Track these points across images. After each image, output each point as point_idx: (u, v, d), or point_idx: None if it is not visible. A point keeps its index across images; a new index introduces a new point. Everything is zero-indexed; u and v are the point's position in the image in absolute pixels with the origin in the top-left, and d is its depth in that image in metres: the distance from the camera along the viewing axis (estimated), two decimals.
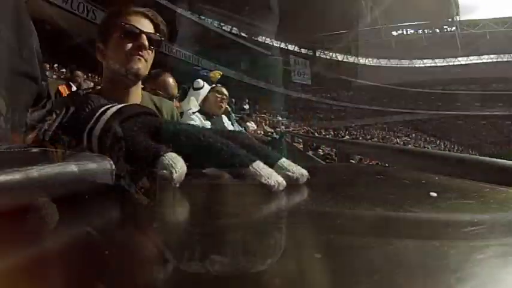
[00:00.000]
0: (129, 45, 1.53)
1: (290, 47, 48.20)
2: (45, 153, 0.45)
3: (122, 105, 0.60)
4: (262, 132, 11.73)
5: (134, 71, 1.53)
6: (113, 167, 0.39)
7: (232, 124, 3.77)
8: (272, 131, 13.20)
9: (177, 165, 0.43)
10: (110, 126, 0.54)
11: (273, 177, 0.41)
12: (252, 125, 11.38)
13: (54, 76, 16.81)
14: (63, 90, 7.01)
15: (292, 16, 40.58)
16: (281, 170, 0.44)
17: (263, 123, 15.04)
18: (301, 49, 48.95)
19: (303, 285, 0.19)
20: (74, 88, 7.20)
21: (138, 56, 1.53)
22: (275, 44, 46.58)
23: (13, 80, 0.71)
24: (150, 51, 1.58)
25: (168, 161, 0.43)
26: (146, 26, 1.57)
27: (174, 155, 0.44)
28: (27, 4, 0.83)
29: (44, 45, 0.88)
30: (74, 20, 23.66)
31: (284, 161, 0.47)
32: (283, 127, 16.50)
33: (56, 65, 20.41)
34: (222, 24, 42.58)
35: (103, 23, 1.63)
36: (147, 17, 1.59)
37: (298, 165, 0.49)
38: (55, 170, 0.31)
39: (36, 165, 0.31)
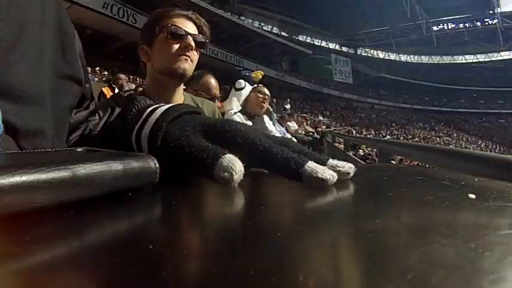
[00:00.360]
0: (176, 46, 1.57)
1: (331, 46, 47.76)
2: (90, 152, 0.46)
3: (170, 105, 0.57)
4: (304, 132, 11.52)
5: (181, 71, 1.57)
6: (157, 165, 0.41)
7: (273, 124, 3.73)
8: (313, 130, 13.01)
9: (236, 166, 0.43)
10: (160, 126, 0.53)
11: (327, 172, 0.44)
12: (293, 125, 10.93)
13: (96, 79, 17.19)
14: (107, 92, 7.21)
15: (333, 14, 40.19)
16: (332, 168, 0.47)
17: (304, 123, 14.85)
18: (342, 47, 48.39)
19: (334, 284, 0.20)
20: (117, 90, 7.42)
21: (185, 57, 1.57)
22: (316, 43, 46.19)
23: (57, 82, 0.71)
24: (196, 52, 1.62)
25: (228, 163, 0.44)
26: (190, 28, 1.62)
27: (232, 156, 0.45)
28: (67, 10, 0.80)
29: (85, 49, 0.87)
30: (114, 24, 24.32)
31: (332, 161, 0.48)
32: (324, 127, 16.19)
33: (97, 68, 20.98)
34: (262, 24, 42.55)
35: (148, 25, 1.66)
36: (190, 19, 1.63)
37: None
38: (101, 168, 0.33)
39: (83, 163, 0.33)
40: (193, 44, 1.57)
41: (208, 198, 0.46)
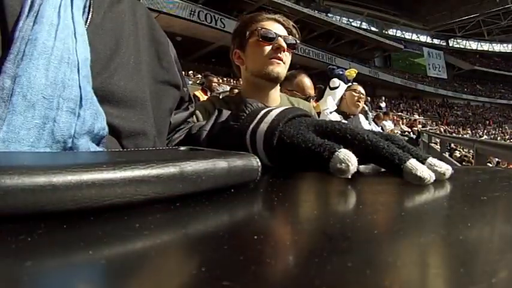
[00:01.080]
0: (267, 48, 1.59)
1: (422, 39, 45.55)
2: (193, 151, 0.49)
3: (284, 107, 0.62)
4: (399, 132, 11.63)
5: (275, 74, 1.59)
6: (259, 164, 0.43)
7: (369, 123, 3.74)
8: (409, 130, 12.84)
9: (351, 158, 0.47)
10: (277, 125, 0.57)
11: (425, 172, 0.46)
12: (389, 124, 10.96)
13: (191, 82, 17.80)
14: (200, 94, 7.46)
15: (421, 4, 38.45)
16: (430, 167, 0.49)
17: (400, 122, 14.39)
18: (434, 40, 45.89)
19: (421, 281, 0.21)
20: (209, 93, 7.68)
21: (277, 59, 1.59)
22: (407, 37, 44.39)
23: (156, 87, 0.77)
24: (288, 54, 1.64)
25: (344, 156, 0.47)
26: (279, 30, 1.64)
27: (346, 150, 0.49)
28: (156, 19, 0.86)
29: (177, 54, 0.90)
30: (203, 29, 25.17)
31: (431, 159, 0.50)
32: (420, 126, 15.58)
33: (190, 72, 21.62)
34: (350, 20, 41.72)
35: (239, 30, 1.69)
36: (278, 22, 1.66)
37: None
38: (206, 166, 0.36)
39: (189, 160, 0.36)
40: (284, 45, 1.59)
41: (307, 195, 0.47)
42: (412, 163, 0.47)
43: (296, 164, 0.53)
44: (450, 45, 47.26)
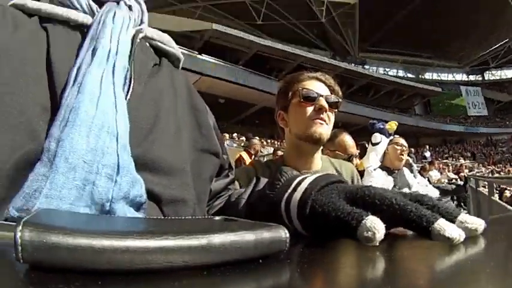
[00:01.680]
0: (309, 109, 1.58)
1: (458, 77, 44.95)
2: (226, 221, 0.50)
3: (317, 175, 0.63)
4: (446, 180, 11.24)
5: (317, 135, 1.56)
6: (287, 235, 0.43)
7: (414, 176, 3.58)
8: (456, 177, 12.59)
9: (378, 226, 0.48)
10: (309, 194, 0.57)
11: (454, 231, 0.46)
12: (435, 174, 10.99)
13: (235, 145, 17.59)
14: (245, 157, 7.61)
15: (452, 41, 38.41)
16: (461, 224, 0.49)
17: (446, 170, 14.30)
18: (469, 76, 45.19)
19: None
20: (253, 155, 7.80)
21: (320, 120, 1.56)
22: (443, 78, 44.10)
23: (196, 155, 0.79)
24: (331, 114, 1.62)
25: (371, 224, 0.48)
26: (321, 89, 1.62)
27: (374, 217, 0.49)
28: (198, 81, 0.98)
29: (220, 117, 0.98)
30: (245, 91, 25.80)
31: (463, 216, 0.50)
32: (466, 171, 15.35)
33: (235, 134, 21.61)
34: (386, 69, 42.10)
35: (281, 91, 1.70)
36: (320, 80, 1.65)
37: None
38: (234, 238, 0.37)
39: (218, 233, 0.37)
40: (326, 105, 1.57)
41: (334, 262, 0.48)
42: (440, 224, 0.47)
43: (329, 232, 0.55)
44: (486, 78, 46.04)
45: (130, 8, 0.83)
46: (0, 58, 0.62)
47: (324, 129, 1.57)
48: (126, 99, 0.67)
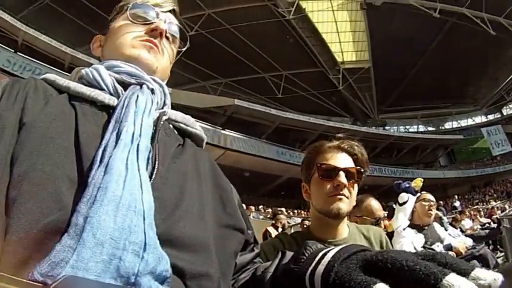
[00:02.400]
0: (328, 185, 1.56)
1: (477, 120, 44.36)
2: None
3: (339, 247, 0.66)
4: (479, 226, 11.04)
5: (335, 212, 1.54)
6: None
7: (445, 229, 3.65)
8: (488, 220, 12.38)
9: None
10: (332, 267, 0.61)
11: (464, 285, 0.46)
12: (467, 223, 10.92)
13: (261, 217, 17.73)
14: (272, 231, 7.83)
15: (466, 86, 38.36)
16: (473, 280, 0.48)
17: (477, 216, 14.12)
18: (488, 116, 44.63)
19: None
20: (280, 229, 8.00)
21: (339, 196, 1.54)
22: (463, 124, 43.85)
23: (220, 231, 0.82)
24: (352, 186, 1.59)
25: None
26: (343, 160, 1.60)
27: (381, 285, 0.51)
28: (223, 156, 1.16)
29: (245, 190, 1.20)
30: (270, 163, 25.90)
31: (477, 271, 0.50)
32: (499, 212, 15.03)
33: (261, 207, 21.61)
34: (407, 127, 42.24)
35: (304, 164, 1.71)
36: (342, 150, 1.63)
37: None
38: None
39: None
40: (344, 181, 1.54)
41: None
42: (449, 280, 0.47)
43: None
44: (505, 114, 45.08)
45: (152, 91, 0.89)
46: (32, 129, 0.69)
47: (343, 204, 1.55)
48: (150, 180, 0.71)
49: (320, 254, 0.67)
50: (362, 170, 1.61)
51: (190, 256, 0.69)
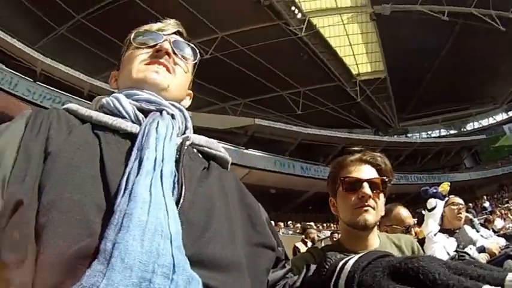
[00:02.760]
0: (353, 197, 1.57)
1: (498, 118, 43.28)
2: None
3: (359, 255, 0.66)
4: (511, 225, 10.90)
5: (362, 223, 1.55)
6: None
7: (477, 230, 3.61)
8: None
9: None
10: (353, 278, 0.61)
11: None
12: (498, 222, 10.79)
13: (291, 232, 17.60)
14: (301, 246, 7.87)
15: (483, 85, 37.92)
16: (510, 283, 0.48)
17: (508, 214, 13.88)
18: (508, 112, 43.77)
19: None
20: (309, 243, 8.04)
21: (364, 207, 1.56)
22: (484, 123, 43.23)
23: (250, 250, 0.82)
24: (378, 196, 1.60)
25: None
26: (366, 172, 1.61)
27: None
28: (248, 175, 1.24)
29: (273, 206, 1.48)
30: (294, 179, 25.96)
31: (510, 276, 0.50)
32: None
33: (289, 222, 21.32)
34: (429, 132, 41.87)
35: (330, 178, 1.73)
36: (365, 162, 1.64)
37: None
38: None
39: None
40: (369, 192, 1.55)
41: None
42: None
43: None
44: None
45: (173, 116, 0.90)
46: (57, 159, 0.71)
47: (370, 215, 1.56)
48: (178, 205, 0.71)
49: (340, 264, 0.69)
50: (386, 180, 1.62)
51: (222, 276, 0.70)
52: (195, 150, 0.93)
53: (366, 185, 1.56)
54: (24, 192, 0.67)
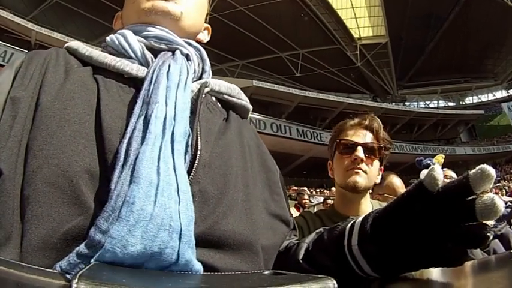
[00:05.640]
0: (346, 160, 1.62)
1: (498, 95, 43.52)
2: (275, 275, 0.49)
3: (363, 216, 0.62)
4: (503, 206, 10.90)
5: (351, 184, 1.59)
6: (335, 285, 0.42)
7: None
8: (510, 199, 12.12)
9: (437, 170, 0.50)
10: (365, 234, 0.57)
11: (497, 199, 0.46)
12: None
13: None
14: (293, 211, 7.51)
15: (485, 59, 37.83)
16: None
17: (499, 194, 13.95)
18: (509, 90, 43.90)
19: None
20: (301, 209, 7.84)
21: (355, 170, 1.59)
22: (483, 99, 43.21)
23: (268, 220, 0.75)
24: (371, 161, 1.63)
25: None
26: (362, 137, 1.65)
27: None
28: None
29: None
30: (290, 143, 25.75)
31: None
32: None
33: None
34: (427, 102, 41.81)
35: (330, 141, 1.76)
36: (364, 127, 1.67)
37: None
38: None
39: (267, 287, 0.39)
40: (361, 155, 1.58)
41: None
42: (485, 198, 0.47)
43: (403, 244, 0.52)
44: None
45: (188, 57, 0.78)
46: (47, 112, 0.60)
47: (360, 177, 1.59)
48: (190, 173, 0.62)
49: (349, 225, 0.63)
50: (382, 146, 1.65)
51: (233, 257, 0.62)
52: (213, 98, 0.83)
53: (360, 148, 1.59)
54: (4, 159, 0.56)
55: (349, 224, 0.63)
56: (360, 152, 1.59)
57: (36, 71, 0.66)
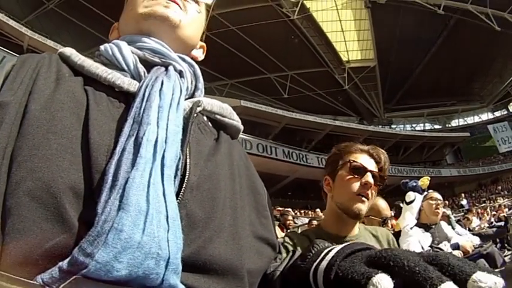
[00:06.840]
0: (356, 183, 1.61)
1: (483, 117, 43.86)
2: None
3: (344, 244, 0.65)
4: (487, 225, 10.99)
5: (356, 211, 1.59)
6: None
7: (453, 228, 3.64)
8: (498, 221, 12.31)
9: (383, 283, 0.49)
10: (334, 262, 0.59)
11: None
12: (474, 221, 10.83)
13: None
14: (278, 231, 7.58)
15: (471, 82, 38.19)
16: (473, 282, 0.48)
17: (485, 214, 14.10)
18: (494, 113, 44.20)
19: None
20: (285, 230, 7.84)
21: (363, 197, 1.60)
22: (469, 121, 43.64)
23: (254, 243, 0.74)
24: (374, 189, 1.64)
25: (377, 280, 0.50)
26: (370, 164, 1.66)
27: (383, 275, 0.51)
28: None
29: None
30: (276, 164, 25.62)
31: (478, 274, 0.49)
32: (506, 209, 14.97)
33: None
34: (413, 125, 42.19)
35: (331, 158, 1.75)
36: (371, 155, 1.69)
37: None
38: None
39: None
40: (372, 181, 1.59)
41: None
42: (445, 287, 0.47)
43: None
44: (511, 110, 45.46)
45: (181, 74, 0.76)
46: (35, 122, 0.58)
47: (364, 205, 1.60)
48: (178, 195, 0.61)
49: (325, 251, 0.64)
50: (385, 178, 1.69)
51: (218, 281, 0.61)
52: (205, 117, 0.80)
53: (369, 174, 1.61)
54: None
55: (324, 253, 0.65)
56: (370, 178, 1.60)
57: (27, 76, 0.64)
